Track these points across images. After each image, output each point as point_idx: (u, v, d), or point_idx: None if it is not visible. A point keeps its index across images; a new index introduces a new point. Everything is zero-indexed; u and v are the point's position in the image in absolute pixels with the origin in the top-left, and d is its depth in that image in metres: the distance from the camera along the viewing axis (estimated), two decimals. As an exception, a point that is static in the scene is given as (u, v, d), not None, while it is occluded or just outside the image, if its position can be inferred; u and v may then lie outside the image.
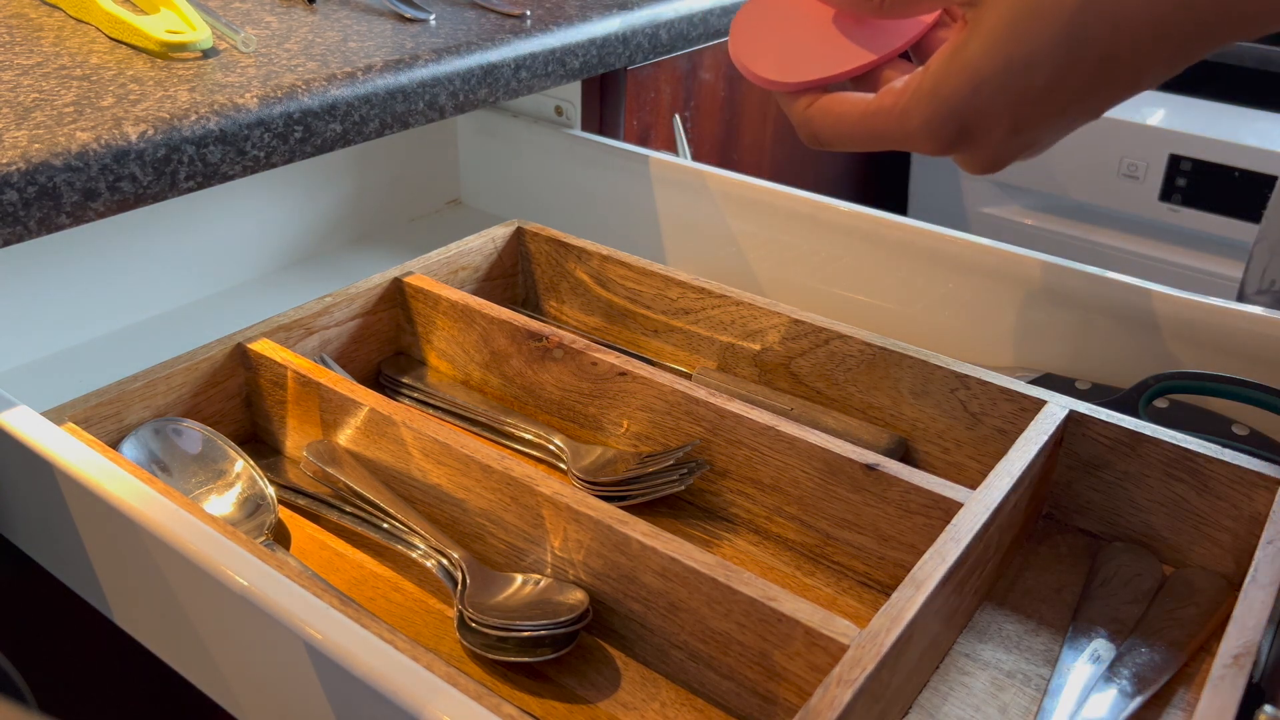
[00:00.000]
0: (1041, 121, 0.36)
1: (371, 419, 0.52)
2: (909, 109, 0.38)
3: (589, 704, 0.44)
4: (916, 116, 0.38)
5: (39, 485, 0.47)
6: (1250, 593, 0.41)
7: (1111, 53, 0.33)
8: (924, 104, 0.37)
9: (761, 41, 0.44)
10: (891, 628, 0.38)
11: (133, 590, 0.46)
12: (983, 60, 0.35)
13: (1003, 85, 0.35)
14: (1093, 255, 1.47)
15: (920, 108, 0.38)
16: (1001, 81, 0.35)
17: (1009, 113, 0.36)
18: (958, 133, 0.37)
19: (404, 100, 0.62)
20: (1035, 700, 0.44)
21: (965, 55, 0.36)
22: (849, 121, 0.41)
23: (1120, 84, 0.34)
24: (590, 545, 0.45)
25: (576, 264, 0.68)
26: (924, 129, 0.38)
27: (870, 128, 0.40)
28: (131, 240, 0.73)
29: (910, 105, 0.38)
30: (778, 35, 0.44)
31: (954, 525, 0.43)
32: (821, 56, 0.43)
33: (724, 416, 0.52)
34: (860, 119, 0.40)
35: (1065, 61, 0.34)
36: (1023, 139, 0.37)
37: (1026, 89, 0.35)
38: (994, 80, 0.35)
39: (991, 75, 0.35)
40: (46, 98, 0.53)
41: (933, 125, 0.37)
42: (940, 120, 0.37)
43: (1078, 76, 0.34)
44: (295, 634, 0.37)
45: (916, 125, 0.38)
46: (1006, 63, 0.35)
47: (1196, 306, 0.59)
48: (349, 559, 0.50)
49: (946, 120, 0.37)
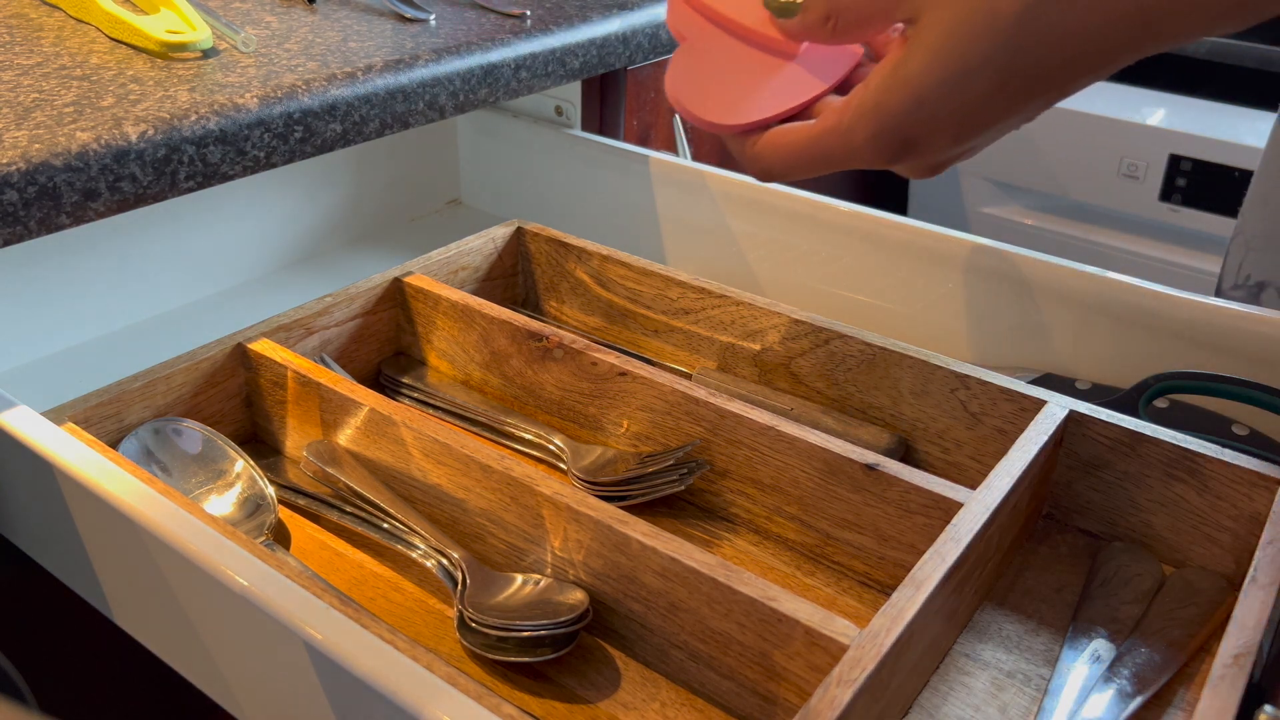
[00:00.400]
0: (981, 130, 0.37)
1: (371, 419, 0.52)
2: (853, 126, 0.39)
3: (589, 704, 0.44)
4: (861, 133, 0.39)
5: (39, 485, 0.47)
6: (1250, 593, 0.41)
7: (1044, 65, 0.35)
8: (868, 119, 0.38)
9: (700, 84, 0.44)
10: (891, 628, 0.38)
11: (133, 590, 0.46)
12: (924, 75, 0.36)
13: (943, 98, 0.36)
14: (1093, 255, 1.47)
15: (864, 124, 0.38)
16: (942, 95, 0.36)
17: (950, 124, 0.37)
18: (902, 145, 0.38)
19: (404, 100, 0.62)
20: (1035, 700, 0.44)
21: (906, 71, 0.37)
22: (796, 149, 0.41)
23: (1052, 92, 0.36)
24: (590, 545, 0.45)
25: (576, 264, 0.68)
26: (870, 144, 0.39)
27: (817, 151, 0.41)
28: (131, 240, 0.73)
29: (854, 122, 0.39)
30: (716, 77, 0.44)
31: (954, 525, 0.44)
32: (763, 96, 0.43)
33: (724, 416, 0.52)
34: (806, 144, 0.41)
35: (1002, 75, 0.35)
36: (964, 145, 0.39)
37: (966, 101, 0.36)
38: (935, 94, 0.36)
39: (932, 89, 0.36)
40: (46, 98, 0.53)
41: (878, 140, 0.38)
42: (886, 134, 0.38)
43: (1014, 88, 0.36)
44: (295, 634, 0.37)
45: (862, 141, 0.39)
46: (946, 77, 0.36)
47: (1196, 306, 0.59)
48: (349, 559, 0.50)
49: (892, 134, 0.38)
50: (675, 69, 0.45)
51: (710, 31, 0.45)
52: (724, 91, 0.43)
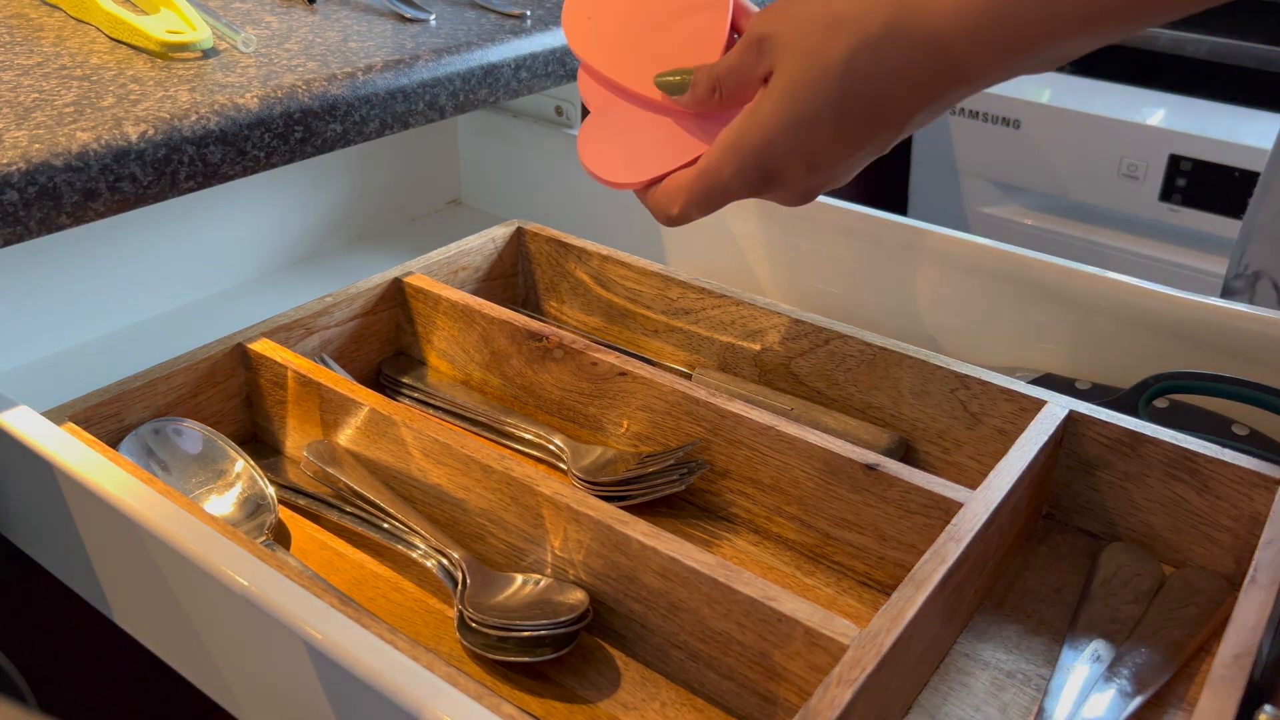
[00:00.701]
0: (834, 162, 0.42)
1: (371, 419, 0.52)
2: (720, 162, 0.44)
3: (589, 704, 0.44)
4: (727, 168, 0.44)
5: (39, 485, 0.47)
6: (1250, 593, 0.41)
7: (873, 106, 0.40)
8: (729, 156, 0.44)
9: (606, 148, 0.50)
10: (891, 628, 0.38)
11: (133, 590, 0.46)
12: (771, 119, 0.42)
13: (789, 137, 0.42)
14: (1093, 255, 1.47)
15: (728, 160, 0.44)
16: (788, 135, 0.42)
17: (801, 159, 0.42)
18: (762, 177, 0.44)
19: (404, 100, 0.62)
20: (1035, 700, 0.44)
21: (758, 115, 0.42)
22: (684, 191, 0.46)
23: (891, 125, 0.41)
24: (590, 545, 0.45)
25: (576, 264, 0.68)
26: (735, 178, 0.44)
27: (698, 188, 0.46)
28: (131, 240, 0.73)
29: (720, 159, 0.44)
30: (619, 140, 0.49)
31: (954, 525, 0.44)
32: (661, 153, 0.48)
33: (724, 416, 0.52)
34: (689, 185, 0.46)
35: (838, 116, 0.40)
36: (821, 175, 0.43)
37: (811, 140, 0.41)
38: (782, 135, 0.42)
39: (779, 130, 0.42)
40: (47, 98, 0.53)
41: (742, 174, 0.44)
42: (746, 169, 0.43)
43: (851, 127, 0.41)
44: (295, 634, 0.37)
45: (728, 175, 0.44)
46: (791, 120, 0.41)
47: (1196, 306, 0.59)
48: (349, 559, 0.50)
49: (751, 169, 0.43)
50: (584, 137, 0.50)
51: (613, 100, 0.50)
52: (626, 153, 0.49)
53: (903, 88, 0.39)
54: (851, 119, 0.40)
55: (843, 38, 0.39)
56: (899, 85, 0.39)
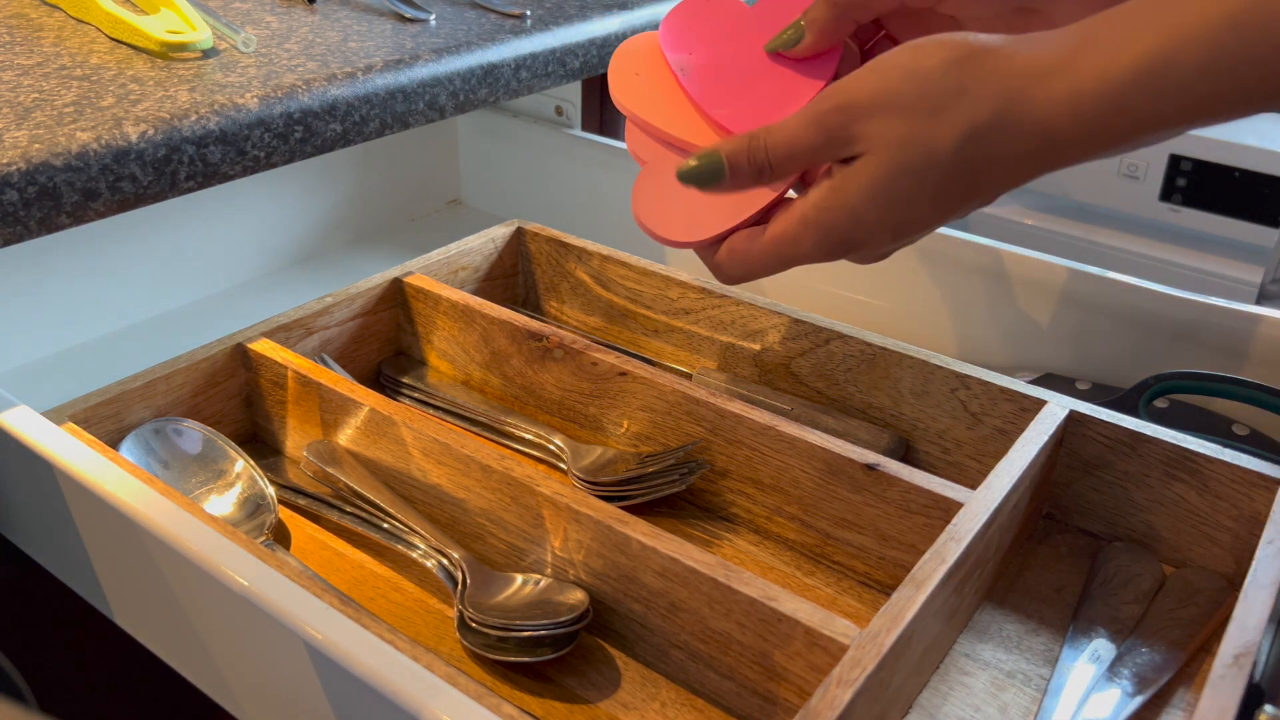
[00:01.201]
0: (918, 234, 0.42)
1: (372, 419, 0.52)
2: (800, 236, 0.43)
3: (589, 704, 0.44)
4: (807, 242, 0.43)
5: (39, 485, 0.47)
6: (1250, 593, 0.41)
7: (975, 186, 0.39)
8: (811, 232, 0.42)
9: (662, 204, 0.48)
10: (891, 628, 0.38)
11: (133, 590, 0.46)
12: (863, 202, 0.40)
13: (881, 219, 0.41)
14: (1093, 255, 1.47)
15: (809, 235, 0.42)
16: (880, 216, 0.41)
17: (888, 234, 0.41)
18: (844, 250, 0.43)
19: (404, 100, 0.62)
20: (1035, 700, 0.44)
21: (846, 198, 0.41)
22: (754, 256, 0.45)
23: (981, 200, 0.40)
24: (590, 545, 0.45)
25: (576, 264, 0.68)
26: (815, 251, 0.43)
27: (770, 256, 0.44)
28: (131, 240, 0.73)
29: (800, 233, 0.43)
30: (675, 196, 0.47)
31: (954, 525, 0.43)
32: (722, 209, 0.46)
33: (724, 416, 0.52)
34: (761, 253, 0.45)
35: (939, 198, 0.40)
36: (904, 242, 0.43)
37: (906, 217, 0.41)
38: (873, 215, 0.41)
39: (870, 211, 0.41)
40: (46, 98, 0.53)
41: (822, 248, 0.43)
42: (828, 244, 0.42)
43: (951, 203, 0.40)
44: (295, 634, 0.37)
45: (808, 249, 0.43)
46: (886, 203, 0.40)
47: (1196, 306, 0.59)
48: (349, 559, 0.50)
49: (834, 244, 0.42)
50: (639, 192, 0.49)
51: (666, 155, 0.49)
52: (686, 210, 0.47)
53: (1003, 174, 0.39)
54: (950, 201, 0.40)
55: (949, 126, 0.38)
56: (1002, 170, 0.38)
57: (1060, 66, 0.36)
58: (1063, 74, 0.36)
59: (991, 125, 0.37)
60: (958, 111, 0.38)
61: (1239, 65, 0.33)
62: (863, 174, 0.40)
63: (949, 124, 0.38)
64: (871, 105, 0.39)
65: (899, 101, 0.39)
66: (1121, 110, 0.35)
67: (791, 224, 0.43)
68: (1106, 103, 0.35)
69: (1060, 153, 0.37)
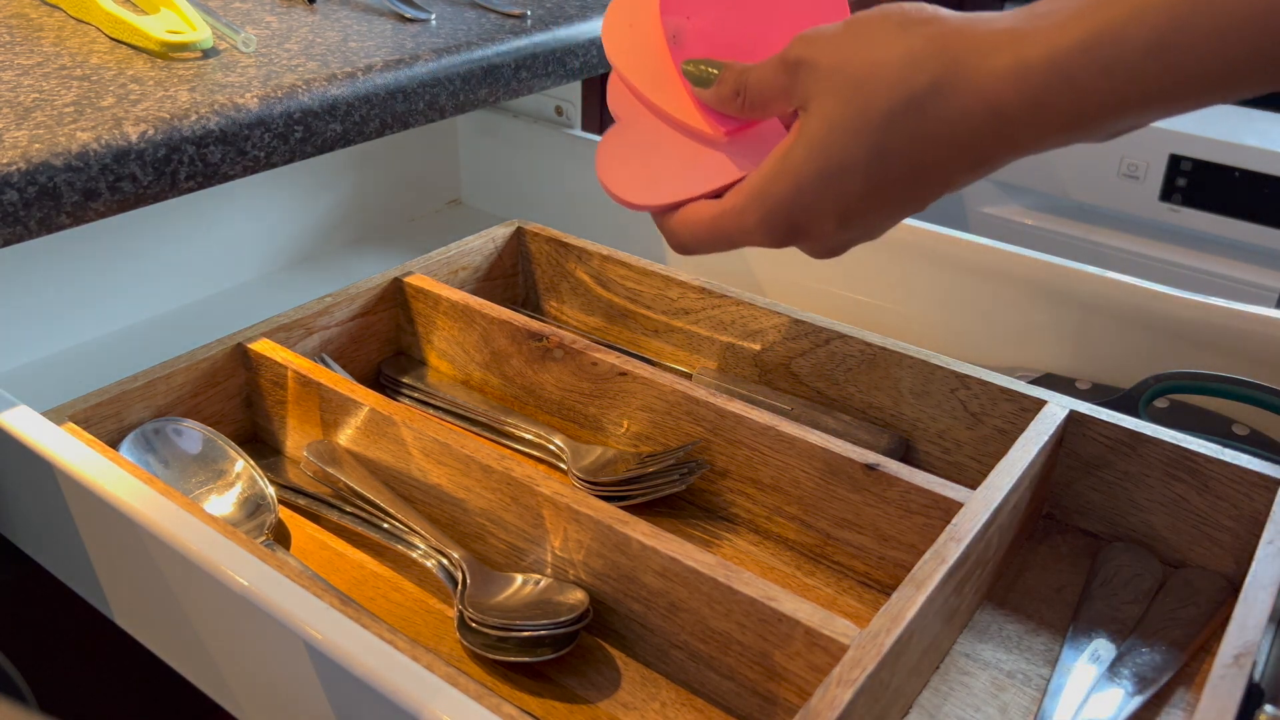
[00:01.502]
0: (865, 217, 0.39)
1: (371, 419, 0.52)
2: (745, 208, 0.41)
3: (589, 704, 0.44)
4: (752, 216, 0.41)
5: (39, 485, 0.47)
6: (1250, 593, 0.41)
7: (918, 162, 0.37)
8: (756, 204, 0.41)
9: (627, 166, 0.47)
10: (892, 628, 0.38)
11: (133, 590, 0.46)
12: (803, 167, 0.39)
13: (821, 190, 0.39)
14: (1093, 255, 1.47)
15: (754, 207, 0.41)
16: (820, 186, 0.38)
17: (832, 212, 0.39)
18: (789, 229, 0.40)
19: (404, 100, 0.62)
20: (1035, 700, 0.44)
21: (789, 161, 0.39)
22: (703, 227, 0.43)
23: (932, 185, 0.38)
24: (590, 545, 0.45)
25: (576, 264, 0.68)
26: (760, 227, 0.41)
27: (719, 230, 0.43)
28: (131, 240, 0.73)
29: (746, 205, 0.41)
30: (642, 158, 0.46)
31: (954, 525, 0.43)
32: (684, 177, 0.45)
33: (724, 416, 0.52)
34: (709, 223, 0.43)
35: (875, 170, 0.37)
36: (852, 232, 0.40)
37: (843, 193, 0.38)
38: (813, 185, 0.39)
39: (810, 180, 0.39)
40: (47, 98, 0.53)
41: (766, 224, 0.41)
42: (772, 219, 0.40)
43: (889, 182, 0.38)
44: (295, 634, 0.37)
45: (753, 223, 0.41)
46: (824, 170, 0.38)
47: (1196, 306, 0.59)
48: (349, 559, 0.50)
49: (778, 220, 0.40)
50: (604, 150, 0.47)
51: (640, 115, 0.47)
52: (647, 173, 0.46)
53: (948, 150, 0.36)
54: (889, 178, 0.37)
55: (885, 90, 0.36)
56: (943, 147, 0.36)
57: (1009, 39, 0.35)
58: (1011, 46, 0.34)
59: (931, 92, 0.35)
60: (898, 74, 0.36)
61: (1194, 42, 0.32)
62: (804, 135, 0.39)
63: (886, 86, 0.36)
64: (827, 58, 0.38)
65: (849, 55, 0.38)
66: (1070, 83, 0.34)
67: (740, 197, 0.41)
68: (1053, 75, 0.34)
69: (1008, 129, 0.35)
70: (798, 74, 0.39)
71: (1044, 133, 0.35)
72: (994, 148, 0.36)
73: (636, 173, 0.46)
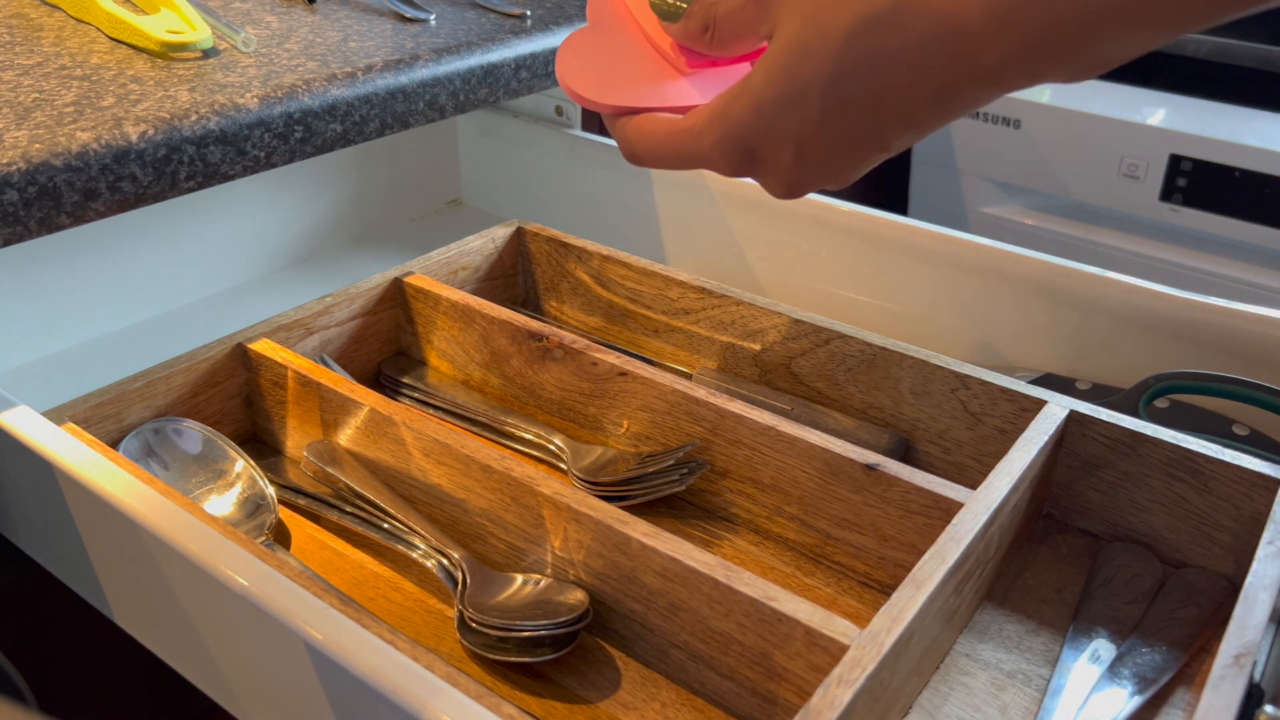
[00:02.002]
0: (827, 151, 0.37)
1: (372, 419, 0.52)
2: (703, 130, 0.40)
3: (589, 704, 0.44)
4: (709, 137, 0.39)
5: (39, 485, 0.47)
6: (1251, 593, 0.41)
7: (876, 86, 0.35)
8: (715, 125, 0.39)
9: (587, 62, 0.45)
10: (892, 628, 0.38)
11: (133, 590, 0.46)
12: (763, 88, 0.37)
13: (779, 114, 0.37)
14: (1093, 255, 1.47)
15: (712, 128, 0.39)
16: (778, 110, 0.37)
17: (790, 140, 0.37)
18: (745, 156, 0.39)
19: (404, 100, 0.62)
20: (1036, 700, 0.44)
21: (750, 82, 0.38)
22: (657, 139, 0.42)
23: (891, 118, 0.35)
24: (590, 545, 0.45)
25: (576, 264, 0.68)
26: (715, 149, 0.39)
27: (674, 146, 0.42)
28: (131, 240, 0.73)
29: (704, 126, 0.40)
30: (608, 62, 0.45)
31: (954, 525, 0.43)
32: (642, 87, 0.44)
33: (724, 416, 0.52)
34: (666, 137, 0.42)
35: (832, 94, 0.35)
36: (812, 167, 0.38)
37: (803, 119, 0.36)
38: (771, 108, 0.37)
39: (769, 103, 0.37)
40: (47, 98, 0.53)
41: (722, 146, 0.39)
42: (729, 141, 0.39)
43: (845, 105, 0.36)
44: (295, 634, 0.37)
45: (709, 145, 0.40)
46: (783, 92, 0.36)
47: (1196, 306, 0.59)
48: (349, 559, 0.50)
49: (734, 143, 0.39)
50: (568, 45, 0.46)
51: (620, 26, 0.46)
52: (608, 75, 0.44)
53: (908, 74, 0.34)
54: (846, 104, 0.35)
55: (846, 8, 0.34)
56: (904, 70, 0.34)
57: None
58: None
59: (892, 10, 0.33)
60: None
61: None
62: (766, 58, 0.37)
63: (848, 5, 0.34)
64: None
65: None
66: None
67: (698, 117, 0.40)
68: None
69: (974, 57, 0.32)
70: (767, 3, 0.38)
71: (1010, 55, 0.32)
72: (956, 73, 0.33)
73: (599, 74, 0.45)
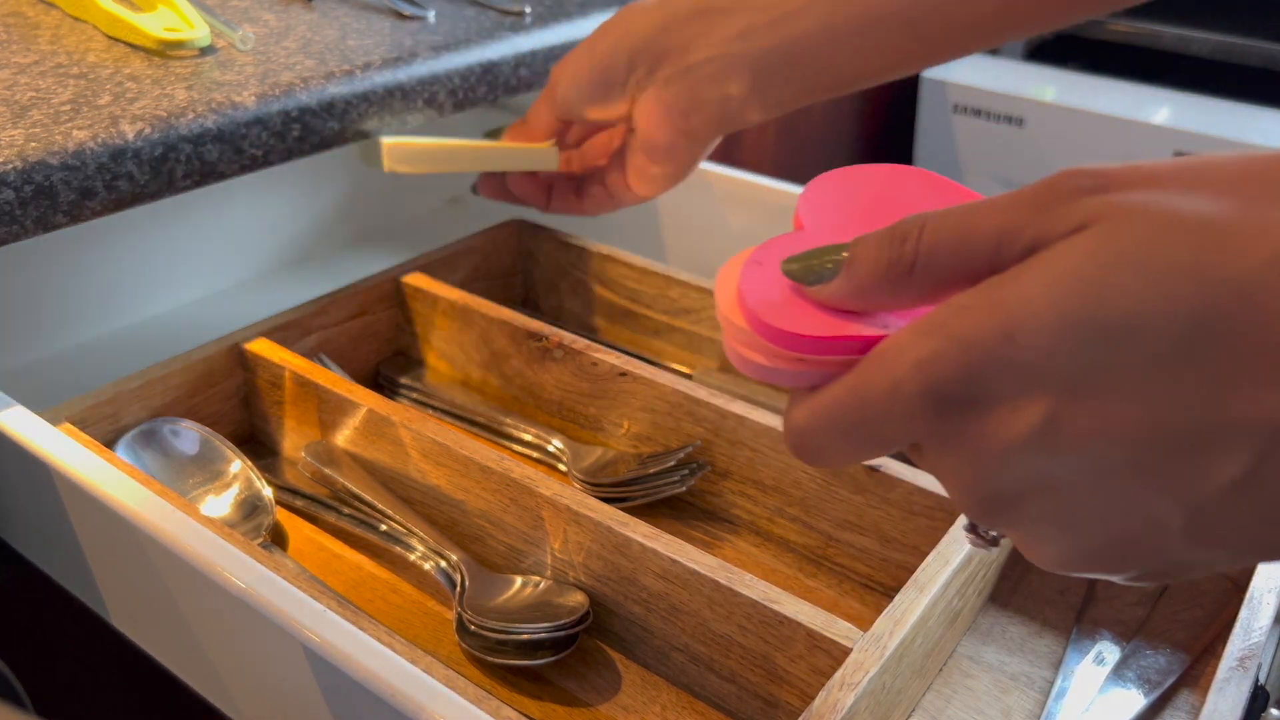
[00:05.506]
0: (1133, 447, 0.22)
1: (370, 419, 0.52)
2: (905, 345, 0.25)
3: (589, 707, 0.43)
4: (909, 357, 0.25)
5: (35, 486, 0.47)
6: (1256, 595, 0.40)
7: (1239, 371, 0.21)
8: (925, 339, 0.24)
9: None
10: (895, 630, 0.38)
11: (129, 592, 0.46)
12: (1040, 297, 0.23)
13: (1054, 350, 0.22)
14: (1094, 254, 1.47)
15: (918, 343, 0.25)
16: (1055, 343, 0.22)
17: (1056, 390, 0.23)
18: (962, 400, 0.24)
19: (403, 98, 0.61)
20: (1039, 703, 0.44)
21: (1004, 291, 0.23)
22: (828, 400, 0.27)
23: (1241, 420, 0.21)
24: (590, 547, 0.45)
25: (576, 264, 0.68)
26: (914, 375, 0.25)
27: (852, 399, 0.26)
28: (128, 240, 0.73)
29: (907, 340, 0.25)
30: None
31: (957, 526, 0.43)
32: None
33: (725, 417, 0.52)
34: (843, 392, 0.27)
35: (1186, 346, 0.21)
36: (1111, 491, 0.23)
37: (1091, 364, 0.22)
38: (1049, 330, 0.22)
39: (1048, 323, 0.22)
40: (43, 96, 0.52)
41: (927, 374, 0.24)
42: (941, 367, 0.24)
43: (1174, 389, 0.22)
44: (293, 636, 0.37)
45: (906, 370, 0.25)
46: (1083, 314, 0.22)
47: (1201, 306, 0.59)
48: (347, 560, 0.50)
49: (951, 369, 0.24)
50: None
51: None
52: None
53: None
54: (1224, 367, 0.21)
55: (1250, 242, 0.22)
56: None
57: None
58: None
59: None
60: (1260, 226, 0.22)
61: None
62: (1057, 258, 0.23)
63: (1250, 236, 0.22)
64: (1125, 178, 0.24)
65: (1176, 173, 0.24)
66: None
67: (903, 332, 0.25)
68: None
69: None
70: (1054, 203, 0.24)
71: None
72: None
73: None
